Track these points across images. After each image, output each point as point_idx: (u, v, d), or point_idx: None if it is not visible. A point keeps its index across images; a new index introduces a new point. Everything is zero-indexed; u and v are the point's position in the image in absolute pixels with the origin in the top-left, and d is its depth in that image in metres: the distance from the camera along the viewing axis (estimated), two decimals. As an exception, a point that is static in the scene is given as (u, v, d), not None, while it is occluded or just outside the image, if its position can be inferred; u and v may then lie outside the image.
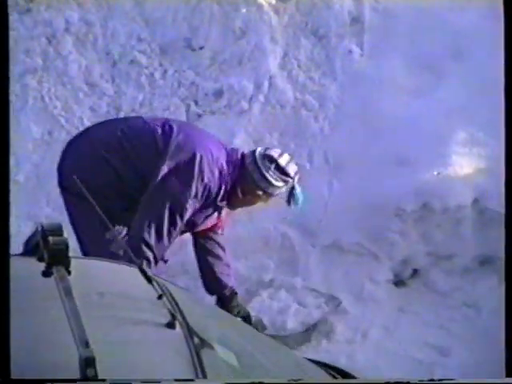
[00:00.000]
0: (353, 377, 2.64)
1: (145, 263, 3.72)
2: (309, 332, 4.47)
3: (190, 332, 2.10)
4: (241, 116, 5.20)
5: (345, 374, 2.66)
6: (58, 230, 2.06)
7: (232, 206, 4.07)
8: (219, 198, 3.94)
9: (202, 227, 4.04)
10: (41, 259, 2.06)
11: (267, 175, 3.94)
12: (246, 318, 4.18)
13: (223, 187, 3.92)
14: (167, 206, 3.81)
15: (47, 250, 2.04)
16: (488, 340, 4.41)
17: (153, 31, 5.51)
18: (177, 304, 2.22)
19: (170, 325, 2.10)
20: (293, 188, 3.99)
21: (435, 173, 4.75)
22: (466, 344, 4.45)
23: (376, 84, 5.13)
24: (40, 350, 1.94)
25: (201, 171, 3.85)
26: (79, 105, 5.32)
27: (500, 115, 4.76)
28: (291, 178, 3.98)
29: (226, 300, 4.15)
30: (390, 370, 4.22)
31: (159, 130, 3.93)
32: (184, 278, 4.39)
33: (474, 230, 4.75)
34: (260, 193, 3.99)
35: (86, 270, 2.30)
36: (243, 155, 4.02)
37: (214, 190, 3.90)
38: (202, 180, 3.85)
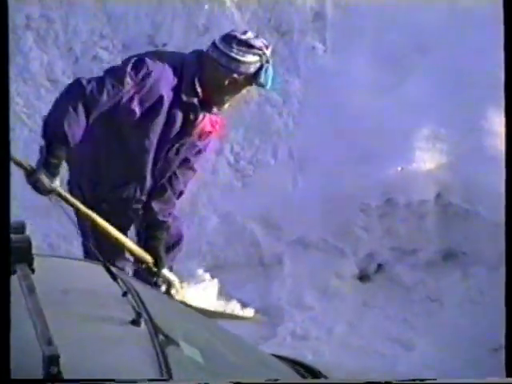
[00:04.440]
0: (319, 372, 2.64)
1: None
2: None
3: (154, 329, 2.10)
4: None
5: (311, 370, 2.65)
6: (20, 228, 2.04)
7: (216, 103, 3.85)
8: (183, 92, 3.74)
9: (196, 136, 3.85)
10: (3, 257, 2.04)
11: (232, 54, 3.74)
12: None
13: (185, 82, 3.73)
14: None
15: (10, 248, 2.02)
16: (451, 334, 4.44)
17: (115, 28, 5.48)
18: (142, 301, 2.21)
19: (135, 322, 2.10)
20: (263, 65, 3.76)
21: (399, 168, 4.78)
22: (429, 338, 4.47)
23: (339, 80, 5.15)
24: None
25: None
26: (41, 101, 5.28)
27: (461, 110, 4.82)
28: (259, 49, 3.76)
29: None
30: (353, 364, 4.23)
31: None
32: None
33: (437, 224, 4.78)
34: (235, 76, 3.77)
35: (50, 268, 2.28)
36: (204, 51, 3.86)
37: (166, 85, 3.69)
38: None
